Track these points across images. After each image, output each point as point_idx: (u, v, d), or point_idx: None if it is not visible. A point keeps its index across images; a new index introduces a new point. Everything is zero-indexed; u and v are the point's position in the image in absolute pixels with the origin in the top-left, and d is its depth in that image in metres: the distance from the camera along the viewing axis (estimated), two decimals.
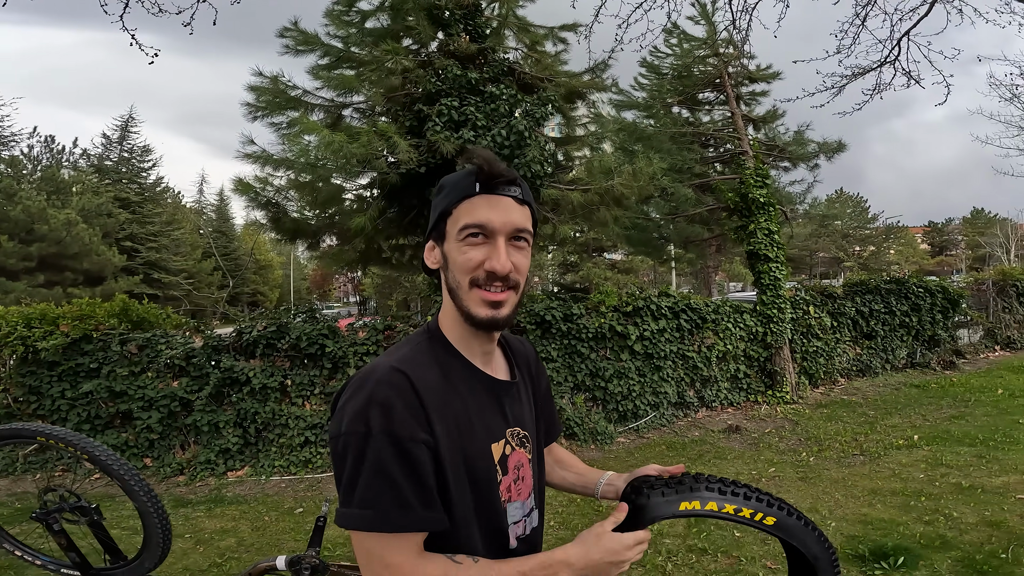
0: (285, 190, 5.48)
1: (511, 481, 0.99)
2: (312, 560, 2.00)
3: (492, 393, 0.99)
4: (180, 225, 31.57)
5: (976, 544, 3.03)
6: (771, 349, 7.23)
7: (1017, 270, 11.38)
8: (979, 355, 9.54)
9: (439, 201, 0.95)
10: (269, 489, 4.60)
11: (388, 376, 0.86)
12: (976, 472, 4.11)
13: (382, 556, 0.85)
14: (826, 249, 42.32)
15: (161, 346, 5.10)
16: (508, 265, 0.89)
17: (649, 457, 5.27)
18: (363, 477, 0.84)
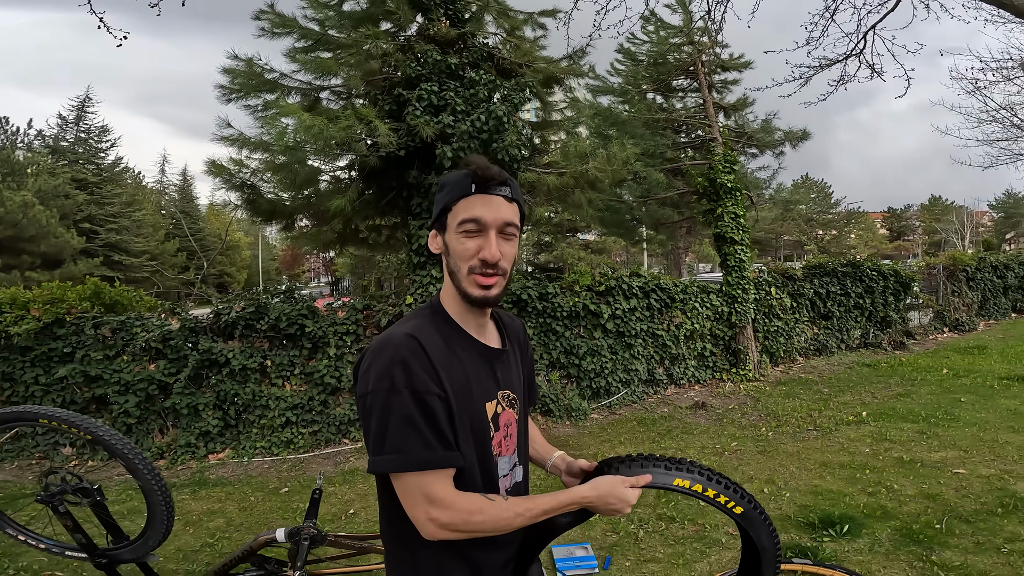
0: (261, 172, 5.44)
1: (501, 437, 1.16)
2: (311, 530, 2.14)
3: (485, 359, 1.15)
4: (141, 206, 30.74)
5: (913, 515, 3.26)
6: (735, 328, 7.57)
7: (967, 256, 12.04)
8: (928, 336, 10.13)
9: (441, 198, 1.10)
10: (252, 471, 4.68)
11: (404, 341, 1.02)
12: (917, 447, 4.43)
13: (425, 491, 1.00)
14: (791, 233, 43.73)
15: (136, 329, 5.06)
16: (497, 255, 1.06)
17: (621, 432, 5.52)
18: (391, 427, 0.99)
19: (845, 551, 2.88)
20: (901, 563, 2.73)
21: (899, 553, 2.83)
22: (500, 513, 1.04)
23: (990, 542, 2.86)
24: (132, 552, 2.28)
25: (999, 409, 5.32)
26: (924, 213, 52.13)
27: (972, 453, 4.20)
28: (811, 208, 46.15)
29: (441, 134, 5.12)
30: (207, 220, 38.02)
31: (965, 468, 3.90)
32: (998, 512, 3.17)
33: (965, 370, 7.18)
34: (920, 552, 2.81)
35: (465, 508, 1.02)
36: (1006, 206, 46.04)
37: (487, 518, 1.03)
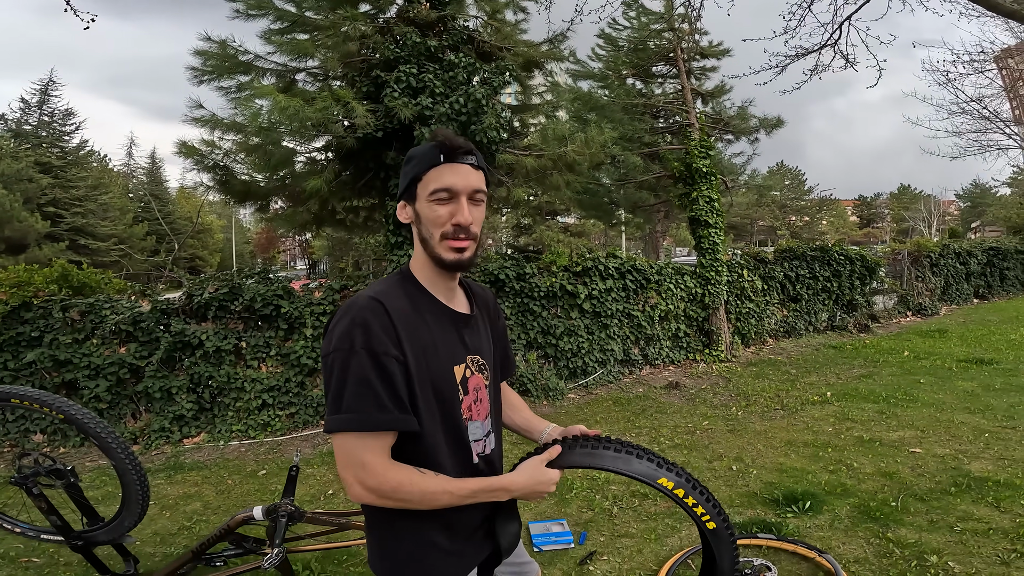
0: (234, 153, 5.34)
1: (471, 401, 1.20)
2: (288, 507, 2.16)
3: (453, 323, 1.19)
4: (108, 189, 30.13)
5: (871, 492, 3.37)
6: (709, 310, 7.75)
7: (931, 242, 12.43)
8: (892, 320, 10.48)
9: (409, 170, 1.14)
10: (229, 454, 4.67)
11: (367, 303, 1.07)
12: (876, 427, 4.60)
13: (360, 456, 1.04)
14: (765, 218, 44.64)
15: (106, 311, 4.96)
16: (470, 218, 1.12)
17: (597, 412, 5.63)
18: (348, 386, 1.03)
19: (807, 527, 2.99)
20: (859, 539, 2.83)
21: (857, 530, 2.93)
22: (428, 487, 1.07)
23: (943, 520, 2.96)
24: (108, 534, 2.29)
25: (956, 391, 5.53)
26: (893, 201, 53.56)
27: (929, 433, 4.37)
28: (785, 195, 47.37)
29: (419, 116, 5.08)
30: (177, 203, 37.35)
31: (921, 448, 4.06)
32: (951, 491, 3.29)
33: (926, 353, 7.47)
34: (877, 529, 2.91)
35: (394, 476, 1.05)
36: (972, 196, 47.47)
37: (414, 490, 1.06)
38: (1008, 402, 5.03)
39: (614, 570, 2.70)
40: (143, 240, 30.64)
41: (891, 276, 11.16)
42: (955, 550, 2.66)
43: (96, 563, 2.38)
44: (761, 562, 2.51)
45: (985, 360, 6.75)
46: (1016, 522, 2.85)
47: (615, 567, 2.73)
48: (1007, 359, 6.79)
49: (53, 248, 23.97)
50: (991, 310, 11.38)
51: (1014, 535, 2.72)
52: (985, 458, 3.78)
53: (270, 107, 4.55)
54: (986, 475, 3.47)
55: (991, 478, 3.41)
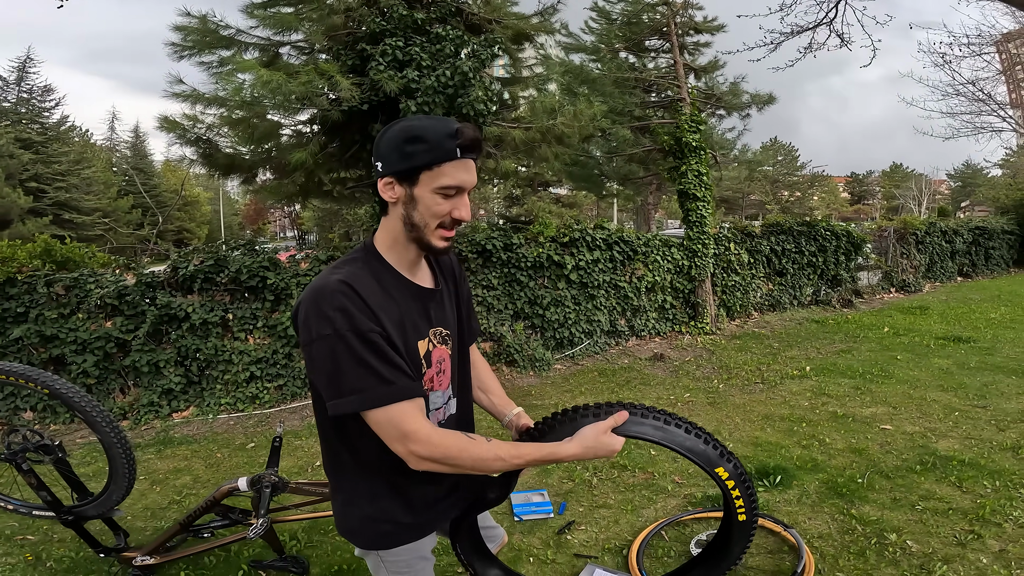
0: (217, 127, 5.28)
1: (434, 373, 1.24)
2: (272, 478, 2.21)
3: (418, 299, 1.21)
4: (91, 163, 29.91)
5: (840, 468, 3.42)
6: (695, 282, 7.86)
7: (918, 220, 12.52)
8: (876, 296, 10.63)
9: (419, 152, 1.08)
10: (218, 428, 4.73)
11: (339, 288, 1.06)
12: (851, 402, 4.67)
13: (396, 426, 1.06)
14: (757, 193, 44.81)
15: (90, 285, 4.94)
16: (470, 215, 1.14)
17: (583, 383, 5.73)
18: (345, 369, 1.04)
19: (776, 501, 3.06)
20: (824, 515, 2.88)
21: (823, 505, 2.99)
22: (482, 454, 1.10)
23: (906, 498, 3.00)
24: (97, 508, 2.34)
25: (932, 368, 5.58)
26: (885, 179, 53.75)
27: (901, 410, 4.41)
28: (777, 170, 47.45)
29: (405, 89, 5.03)
30: (163, 176, 37.01)
31: (892, 424, 4.12)
32: (916, 469, 3.34)
33: (905, 329, 7.59)
34: (842, 505, 2.96)
35: (443, 444, 1.07)
36: (963, 176, 47.65)
37: (467, 457, 1.09)
38: (981, 381, 5.06)
39: (591, 540, 2.79)
40: (128, 214, 30.60)
41: (877, 252, 11.27)
42: (914, 529, 2.70)
43: (87, 538, 2.43)
44: None
45: (963, 338, 6.81)
46: (976, 503, 2.89)
47: (592, 536, 2.82)
48: (985, 338, 6.86)
49: (37, 223, 23.88)
50: (974, 288, 11.51)
51: (973, 516, 2.76)
52: (953, 437, 3.83)
53: (252, 81, 4.48)
54: (952, 454, 3.52)
55: (956, 457, 3.46)
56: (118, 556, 2.43)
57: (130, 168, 34.56)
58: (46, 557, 2.68)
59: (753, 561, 2.50)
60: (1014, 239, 14.35)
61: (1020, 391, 4.73)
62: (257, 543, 2.72)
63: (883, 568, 2.39)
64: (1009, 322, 7.77)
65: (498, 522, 2.96)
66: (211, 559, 2.63)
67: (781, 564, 2.46)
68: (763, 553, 2.56)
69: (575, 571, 2.51)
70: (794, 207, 45.93)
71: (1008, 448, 3.56)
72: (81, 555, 2.66)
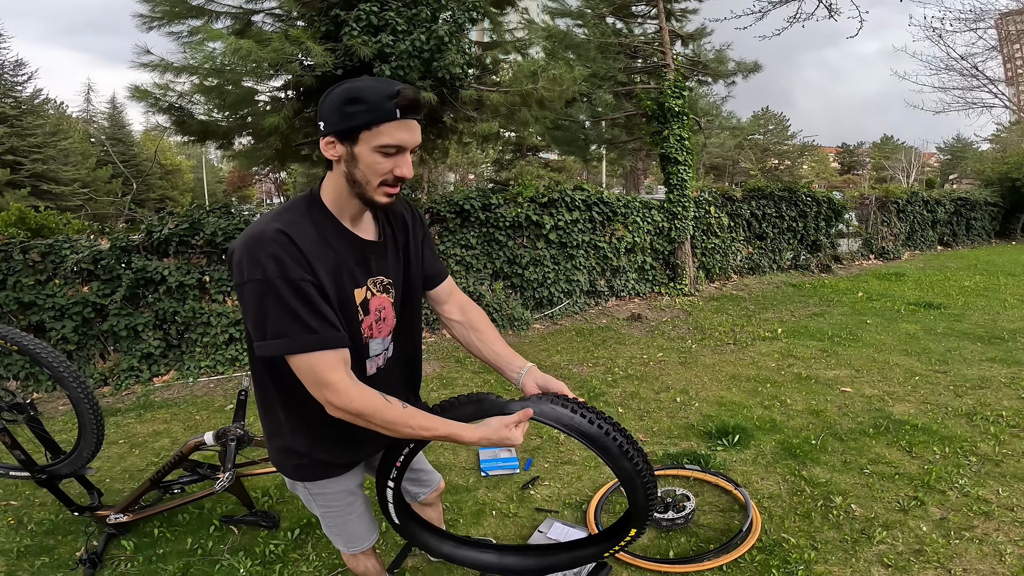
0: (189, 94, 5.21)
1: (372, 321, 1.31)
2: (237, 431, 2.25)
3: (358, 249, 1.26)
4: (67, 135, 29.55)
5: (796, 429, 3.47)
6: (675, 243, 7.96)
7: (900, 189, 12.61)
8: (855, 262, 10.78)
9: (358, 113, 1.12)
10: (198, 391, 4.80)
11: (275, 236, 1.11)
12: (816, 364, 4.77)
13: (316, 374, 1.14)
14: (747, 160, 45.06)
15: (66, 251, 4.92)
16: (412, 172, 1.18)
17: (560, 342, 5.82)
18: (271, 314, 1.10)
19: (733, 460, 3.13)
20: (776, 476, 2.95)
21: (777, 466, 3.05)
22: (393, 419, 1.18)
23: (855, 461, 3.04)
24: (69, 466, 2.40)
25: (899, 332, 5.69)
26: (875, 151, 53.82)
27: (863, 373, 4.48)
28: (768, 139, 47.66)
29: (379, 54, 4.96)
30: (143, 145, 36.60)
31: (852, 387, 4.17)
32: (870, 432, 3.39)
33: (879, 294, 7.74)
34: (794, 466, 3.02)
35: (358, 400, 1.14)
36: (953, 149, 47.73)
37: (379, 418, 1.16)
38: (946, 346, 5.14)
39: (553, 495, 2.89)
40: (108, 183, 30.46)
41: (858, 220, 11.38)
42: (860, 493, 2.74)
43: (62, 497, 2.49)
44: (683, 492, 2.67)
45: (934, 304, 6.93)
46: (923, 468, 2.94)
47: (555, 492, 2.92)
48: (955, 304, 6.97)
49: (15, 195, 23.71)
50: (952, 257, 11.68)
51: (918, 482, 2.81)
52: (910, 401, 3.89)
53: (223, 49, 4.40)
54: (906, 418, 3.57)
55: (910, 422, 3.51)
56: (92, 515, 2.50)
57: (107, 139, 34.08)
58: (27, 521, 2.74)
59: (705, 519, 2.59)
60: (997, 211, 14.53)
61: (983, 357, 4.81)
62: (230, 499, 2.82)
63: (826, 531, 2.44)
64: (982, 290, 7.92)
65: (464, 479, 3.10)
66: (184, 516, 2.72)
67: (730, 523, 2.54)
68: (714, 511, 2.66)
69: (536, 524, 2.62)
70: (783, 175, 46.11)
71: (962, 414, 3.62)
72: (61, 517, 2.73)
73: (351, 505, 1.54)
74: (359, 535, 1.59)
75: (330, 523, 1.55)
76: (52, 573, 2.33)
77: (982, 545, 2.29)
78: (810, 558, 2.26)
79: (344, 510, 1.53)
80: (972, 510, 2.54)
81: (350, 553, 1.63)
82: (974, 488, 2.72)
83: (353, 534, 1.58)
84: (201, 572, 2.31)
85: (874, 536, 2.38)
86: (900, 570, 2.17)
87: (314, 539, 2.52)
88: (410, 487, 1.82)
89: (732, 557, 2.27)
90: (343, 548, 1.62)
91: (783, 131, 49.97)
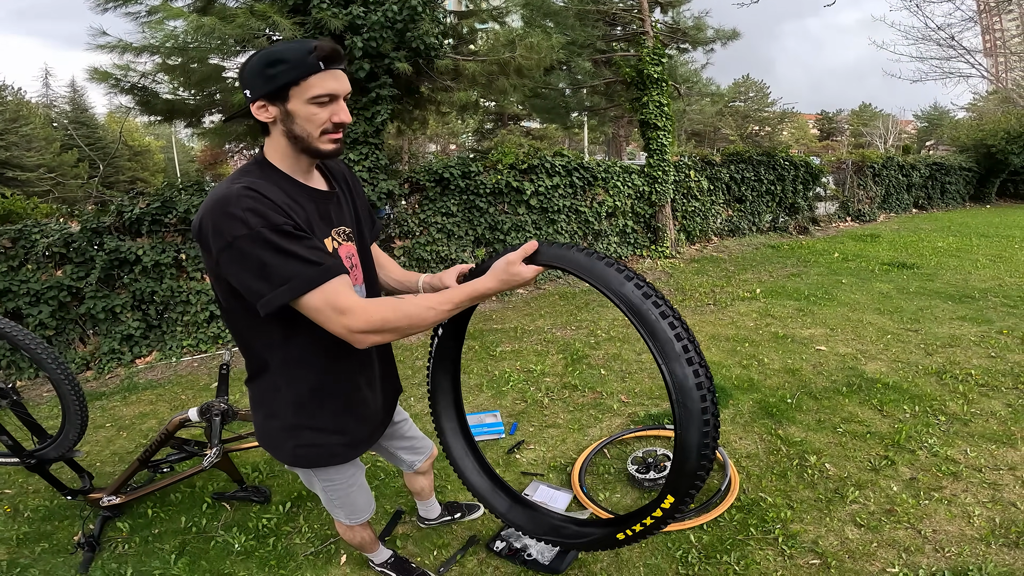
0: (152, 74, 5.05)
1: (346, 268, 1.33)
2: (221, 406, 2.24)
3: (317, 201, 1.30)
4: (28, 121, 28.69)
5: (773, 388, 3.50)
6: (655, 207, 8.06)
7: (875, 154, 12.76)
8: (832, 224, 10.96)
9: (282, 72, 1.14)
10: (181, 370, 4.78)
11: (244, 192, 1.11)
12: (792, 323, 4.87)
13: (331, 303, 1.10)
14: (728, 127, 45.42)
15: (36, 235, 4.80)
16: (350, 116, 1.23)
17: (543, 306, 5.89)
18: (269, 262, 1.08)
19: None
20: (754, 435, 2.99)
21: (754, 425, 3.09)
22: (414, 310, 1.17)
23: (829, 420, 3.08)
24: (56, 449, 2.40)
25: (872, 292, 5.81)
26: (853, 118, 54.23)
27: (837, 332, 4.56)
28: (748, 106, 48.00)
29: (350, 26, 4.83)
30: (108, 128, 35.63)
31: (827, 346, 4.24)
32: (843, 391, 3.43)
33: (854, 255, 7.90)
34: (771, 425, 3.06)
35: (379, 311, 1.13)
36: (930, 117, 48.21)
37: (402, 315, 1.15)
38: (918, 305, 5.24)
39: (539, 458, 2.96)
40: (74, 167, 29.81)
41: (835, 184, 11.52)
42: (834, 452, 2.79)
43: (54, 482, 2.49)
44: (664, 452, 2.75)
45: (907, 264, 7.08)
46: (894, 428, 2.98)
47: (540, 455, 2.99)
48: (928, 264, 7.12)
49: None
50: (927, 220, 11.89)
51: (889, 441, 2.85)
52: (882, 359, 3.95)
53: (184, 27, 4.26)
54: (878, 377, 3.62)
55: (882, 380, 3.57)
56: (86, 498, 2.50)
57: (69, 123, 33.02)
58: (23, 508, 2.75)
59: None
60: (971, 175, 14.82)
61: (953, 316, 4.93)
62: (221, 476, 2.86)
63: (801, 490, 2.50)
64: (955, 251, 8.09)
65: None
66: (177, 495, 2.75)
67: (710, 482, 2.60)
68: None
69: (521, 488, 2.69)
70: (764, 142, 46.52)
71: (932, 372, 3.70)
72: (55, 503, 2.74)
73: (353, 477, 1.58)
74: (360, 507, 1.65)
75: (332, 497, 1.59)
76: (53, 558, 2.35)
77: (951, 506, 2.34)
78: (786, 517, 2.33)
79: (346, 483, 1.57)
80: (941, 470, 2.59)
81: (348, 525, 1.68)
82: (943, 448, 2.78)
83: (355, 506, 1.63)
84: (197, 549, 2.35)
85: (847, 496, 2.43)
86: (872, 530, 2.23)
87: (305, 512, 2.57)
88: (405, 456, 1.87)
89: (712, 516, 2.34)
90: (344, 520, 1.67)
91: (763, 98, 50.37)
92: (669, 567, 2.11)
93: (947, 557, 2.07)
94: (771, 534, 2.24)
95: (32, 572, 2.27)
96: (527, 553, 2.14)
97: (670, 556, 2.16)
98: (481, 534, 2.34)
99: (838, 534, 2.23)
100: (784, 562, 2.10)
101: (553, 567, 2.08)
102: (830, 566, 2.06)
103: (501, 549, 2.19)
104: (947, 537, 2.18)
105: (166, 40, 4.49)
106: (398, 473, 2.84)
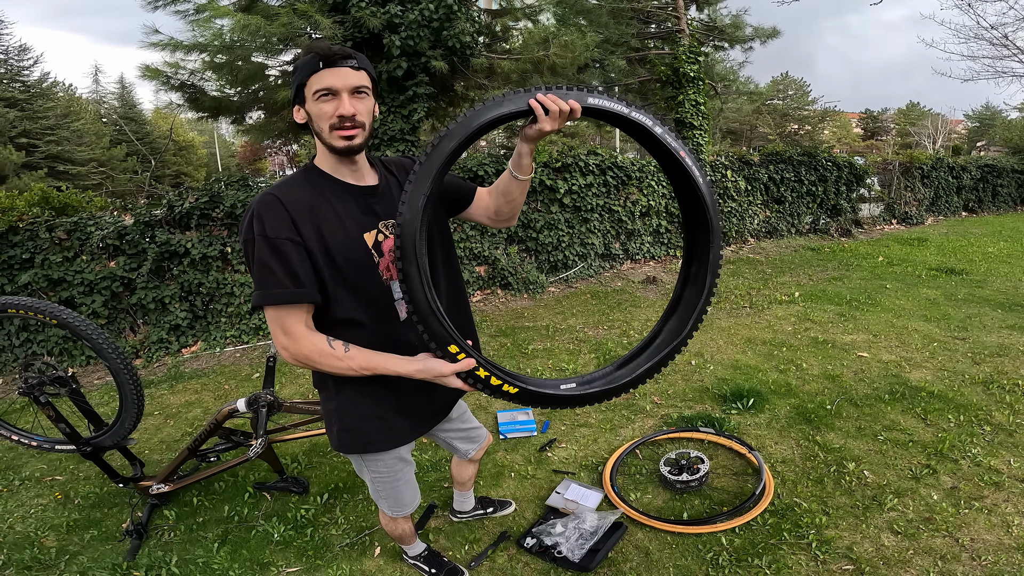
0: (200, 72, 5.25)
1: (388, 262, 1.39)
2: (267, 397, 2.33)
3: (360, 197, 1.38)
4: (79, 116, 30.00)
5: (812, 394, 3.43)
6: None
7: (924, 155, 12.28)
8: (876, 227, 10.59)
9: (296, 79, 1.30)
10: (225, 360, 4.95)
11: (263, 198, 1.28)
12: (833, 329, 4.72)
13: (282, 325, 1.27)
14: (765, 125, 44.31)
15: (90, 228, 5.04)
16: (351, 109, 1.28)
17: (575, 305, 5.87)
18: (255, 269, 1.26)
19: (747, 424, 3.13)
20: (790, 440, 2.95)
21: (791, 430, 3.04)
22: (335, 363, 1.29)
23: (870, 428, 3.02)
24: (112, 437, 2.48)
25: (919, 298, 5.58)
26: (900, 117, 52.19)
27: (880, 338, 4.43)
28: (788, 104, 46.72)
29: (388, 24, 4.92)
30: (155, 123, 37.29)
31: (869, 352, 4.12)
32: (885, 399, 3.35)
33: (899, 259, 7.60)
34: (809, 431, 3.02)
35: (307, 346, 1.27)
36: (982, 117, 46.13)
37: (325, 361, 1.29)
38: (966, 313, 5.03)
39: (570, 457, 2.97)
40: (124, 161, 30.95)
41: (881, 185, 11.13)
42: (873, 459, 2.73)
43: (107, 468, 2.58)
44: (697, 454, 2.72)
45: (956, 270, 6.77)
46: (937, 436, 2.91)
47: (571, 454, 2.99)
48: (978, 271, 6.80)
49: (32, 176, 24.32)
50: (977, 223, 11.38)
51: (931, 450, 2.79)
52: (927, 368, 3.83)
53: (231, 26, 4.41)
54: (923, 385, 3.52)
55: (926, 389, 3.47)
56: (136, 486, 2.59)
57: (119, 118, 34.40)
58: (74, 495, 2.86)
59: (718, 482, 2.64)
60: None
61: (1003, 325, 4.71)
62: (262, 466, 2.96)
63: (838, 496, 2.46)
64: (1006, 257, 7.72)
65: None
66: (220, 484, 2.85)
67: (744, 486, 2.59)
68: (728, 475, 2.70)
69: (553, 486, 2.70)
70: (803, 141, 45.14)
71: (979, 382, 3.57)
72: (105, 490, 2.86)
73: (401, 471, 1.64)
74: (405, 500, 1.71)
75: (379, 487, 1.66)
76: (102, 545, 2.44)
77: (991, 515, 2.30)
78: (821, 523, 2.30)
79: (393, 476, 1.63)
80: (983, 480, 2.53)
81: (391, 516, 1.75)
82: (986, 458, 2.71)
83: (400, 499, 1.70)
84: (239, 538, 2.43)
85: (885, 503, 2.39)
86: (909, 537, 2.19)
87: (342, 503, 2.64)
88: (459, 444, 1.92)
89: (745, 520, 2.32)
90: (387, 511, 1.73)
91: (803, 96, 48.68)
92: (699, 568, 2.10)
93: (983, 565, 2.04)
94: (804, 539, 2.21)
95: (81, 559, 2.36)
96: (557, 550, 2.16)
97: (700, 558, 2.15)
98: (512, 530, 2.37)
99: (873, 541, 2.19)
100: (817, 567, 2.07)
101: (583, 565, 2.10)
102: (864, 572, 2.03)
103: (532, 546, 2.21)
104: (984, 546, 2.13)
105: (214, 39, 4.67)
106: (432, 468, 2.90)
